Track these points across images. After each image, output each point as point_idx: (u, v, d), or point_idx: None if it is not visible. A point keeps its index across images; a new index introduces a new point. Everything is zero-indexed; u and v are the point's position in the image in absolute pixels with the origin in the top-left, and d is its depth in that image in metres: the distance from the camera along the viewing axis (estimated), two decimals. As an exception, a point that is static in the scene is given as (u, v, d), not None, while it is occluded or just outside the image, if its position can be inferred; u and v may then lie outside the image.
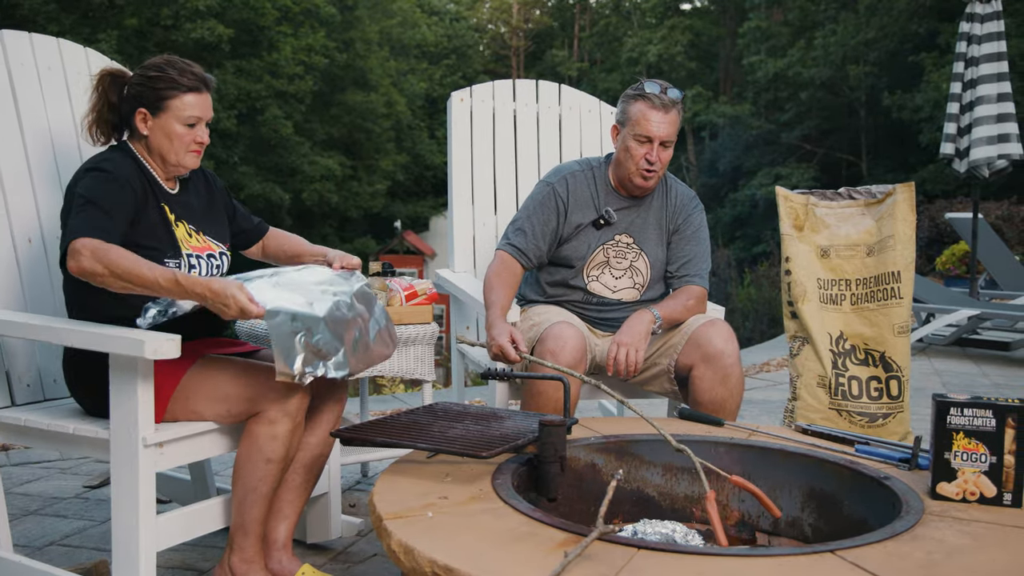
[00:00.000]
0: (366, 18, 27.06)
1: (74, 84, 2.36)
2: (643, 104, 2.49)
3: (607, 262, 2.62)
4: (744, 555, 1.38)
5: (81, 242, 1.80)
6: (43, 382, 2.17)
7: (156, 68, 2.01)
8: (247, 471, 1.92)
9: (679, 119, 2.54)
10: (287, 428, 1.91)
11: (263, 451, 1.90)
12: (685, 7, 34.25)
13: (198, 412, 1.93)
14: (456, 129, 3.12)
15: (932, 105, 18.80)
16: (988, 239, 7.67)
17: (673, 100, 2.50)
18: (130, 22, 20.19)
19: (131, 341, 1.72)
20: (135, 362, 1.75)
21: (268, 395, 1.89)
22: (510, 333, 2.29)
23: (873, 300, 2.74)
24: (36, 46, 2.30)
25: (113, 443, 1.80)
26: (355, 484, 3.13)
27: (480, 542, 1.40)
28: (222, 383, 1.92)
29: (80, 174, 1.97)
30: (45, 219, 2.22)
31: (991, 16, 6.30)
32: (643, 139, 2.49)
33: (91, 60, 2.43)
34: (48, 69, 2.31)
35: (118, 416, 1.79)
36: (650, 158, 2.49)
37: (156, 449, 1.81)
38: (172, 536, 1.88)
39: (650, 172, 2.52)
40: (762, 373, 5.82)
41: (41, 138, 2.26)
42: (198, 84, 2.03)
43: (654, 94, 2.49)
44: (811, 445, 2.01)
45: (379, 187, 27.17)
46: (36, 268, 2.20)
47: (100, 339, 1.78)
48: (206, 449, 1.96)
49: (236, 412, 1.92)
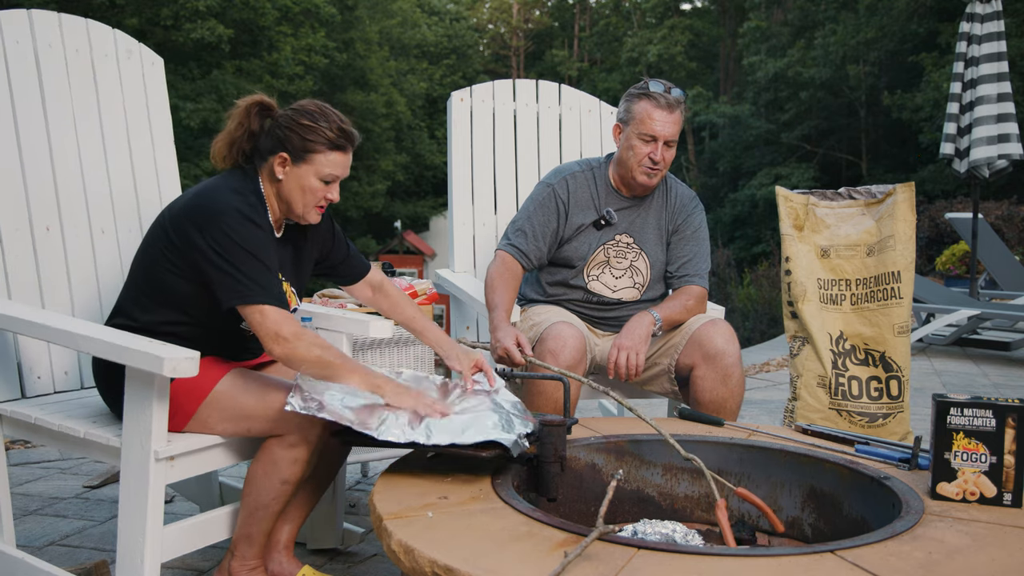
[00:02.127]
0: (366, 18, 27.06)
1: (100, 66, 2.32)
2: (647, 103, 2.50)
3: (607, 262, 2.62)
4: (744, 555, 1.38)
5: (281, 323, 1.79)
6: (54, 375, 2.14)
7: (309, 116, 1.93)
8: (262, 488, 1.89)
9: (682, 119, 2.54)
10: (307, 452, 1.89)
11: (282, 473, 1.88)
12: (685, 7, 34.27)
13: (218, 428, 1.89)
14: (456, 129, 3.12)
15: (932, 105, 18.79)
16: (988, 239, 7.67)
17: (677, 100, 2.51)
18: (130, 22, 20.16)
19: (150, 357, 1.67)
20: (152, 377, 1.71)
21: (292, 419, 1.85)
22: (515, 336, 2.29)
23: (873, 300, 2.74)
24: (64, 27, 2.26)
25: (124, 453, 1.77)
26: (355, 484, 3.13)
27: (480, 542, 1.40)
28: (246, 403, 1.88)
29: (213, 204, 1.85)
30: (64, 206, 2.19)
31: (991, 16, 6.30)
32: (648, 138, 2.50)
33: (119, 41, 2.40)
34: (76, 51, 2.27)
35: (131, 427, 1.76)
36: (654, 157, 2.50)
37: (167, 462, 1.79)
38: (178, 547, 1.85)
39: (654, 169, 2.52)
40: (762, 373, 5.82)
41: (64, 119, 2.21)
42: (345, 143, 1.96)
43: (659, 93, 2.49)
44: (811, 445, 2.01)
45: (379, 187, 27.16)
46: (53, 258, 2.16)
47: (118, 351, 1.73)
48: (216, 461, 1.93)
49: (256, 431, 1.89)
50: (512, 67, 39.48)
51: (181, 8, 20.33)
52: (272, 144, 1.95)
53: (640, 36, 31.48)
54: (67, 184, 2.21)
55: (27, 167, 2.12)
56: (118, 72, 2.38)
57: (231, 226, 1.82)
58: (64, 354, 2.16)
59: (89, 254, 2.24)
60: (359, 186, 26.40)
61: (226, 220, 1.83)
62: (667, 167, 2.56)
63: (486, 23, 42.64)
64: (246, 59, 22.35)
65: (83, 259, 2.23)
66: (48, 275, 2.14)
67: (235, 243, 1.82)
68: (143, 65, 2.45)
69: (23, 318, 1.89)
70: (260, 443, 1.93)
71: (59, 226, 2.18)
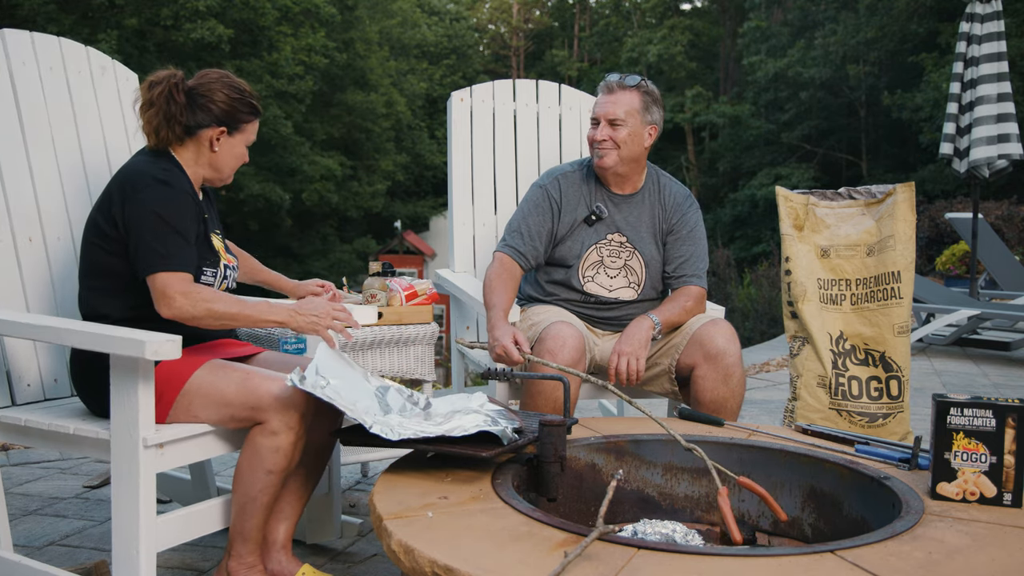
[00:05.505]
0: (366, 18, 27.05)
1: (75, 82, 2.35)
2: (598, 92, 2.65)
3: (601, 261, 2.63)
4: (744, 555, 1.38)
5: (168, 284, 1.89)
6: (44, 382, 2.16)
7: (236, 90, 2.09)
8: (248, 480, 1.91)
9: (636, 100, 2.58)
10: (290, 440, 1.90)
11: (265, 463, 1.89)
12: (685, 7, 34.27)
13: (201, 416, 1.92)
14: (456, 129, 3.12)
15: (932, 105, 18.79)
16: (988, 239, 7.66)
17: (620, 83, 2.59)
18: (130, 22, 20.17)
19: (132, 342, 1.72)
20: (136, 363, 1.74)
21: (272, 405, 1.88)
22: (513, 334, 2.29)
23: (873, 300, 2.74)
24: (37, 45, 2.29)
25: (113, 444, 1.80)
26: (355, 484, 3.13)
27: (480, 542, 1.40)
28: (226, 389, 1.91)
29: (138, 180, 1.96)
30: (45, 217, 2.21)
31: (991, 16, 6.30)
32: (594, 121, 2.61)
33: (92, 59, 2.43)
34: (50, 69, 2.31)
35: (118, 417, 1.79)
36: (597, 136, 2.58)
37: (156, 450, 1.81)
38: (172, 537, 1.88)
39: (602, 148, 2.58)
40: (762, 373, 5.82)
41: (41, 134, 2.25)
42: (260, 108, 2.16)
43: (604, 83, 2.63)
44: (811, 445, 2.01)
45: (379, 187, 27.16)
46: (37, 267, 2.19)
47: (101, 340, 1.78)
48: (207, 450, 1.96)
49: (239, 418, 1.92)
50: (512, 67, 39.47)
51: (181, 8, 20.32)
52: (206, 118, 2.06)
53: (640, 36, 31.46)
54: (48, 197, 2.24)
55: (7, 181, 2.15)
56: (93, 88, 2.42)
57: (148, 194, 1.93)
58: (52, 362, 2.18)
59: (72, 263, 2.27)
60: (359, 186, 26.40)
61: (142, 188, 1.94)
62: (620, 148, 2.57)
63: (486, 23, 42.64)
64: (246, 59, 22.34)
65: (66, 267, 2.25)
66: (32, 284, 2.17)
67: (150, 210, 1.92)
68: (117, 81, 2.49)
69: (8, 319, 1.94)
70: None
71: (41, 237, 2.21)
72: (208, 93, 2.06)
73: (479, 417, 1.82)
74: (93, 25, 19.84)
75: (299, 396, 1.89)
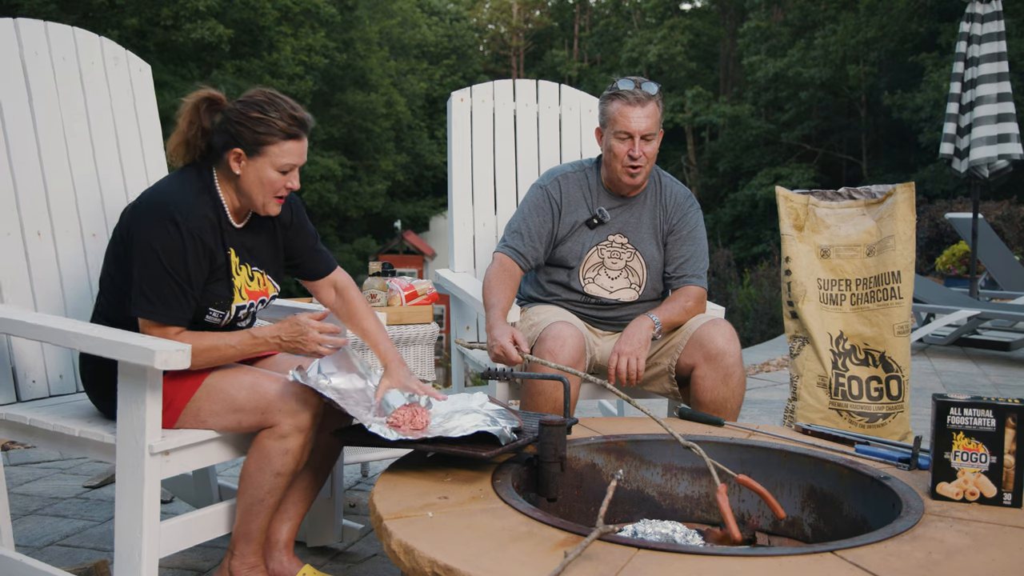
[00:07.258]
0: (366, 18, 27.05)
1: (87, 72, 2.33)
2: (619, 102, 2.52)
3: (602, 263, 2.63)
4: (744, 555, 1.38)
5: (147, 330, 1.85)
6: (49, 378, 2.15)
7: (259, 108, 1.90)
8: (255, 482, 1.89)
9: (659, 111, 2.55)
10: (299, 443, 1.89)
11: (273, 465, 1.88)
12: (685, 7, 34.24)
13: (209, 422, 1.90)
14: (456, 129, 3.12)
15: (932, 105, 18.80)
16: (988, 239, 7.66)
17: (648, 93, 2.52)
18: (130, 22, 20.17)
19: (141, 350, 1.69)
20: (144, 371, 1.72)
21: (281, 408, 1.87)
22: (511, 334, 2.29)
23: (873, 300, 2.74)
24: (51, 35, 2.27)
25: (119, 449, 1.78)
26: (355, 484, 3.13)
27: (480, 542, 1.40)
28: (236, 395, 1.89)
29: (153, 210, 1.87)
30: (55, 209, 2.20)
31: (991, 16, 6.30)
32: (623, 136, 2.51)
33: (105, 49, 2.41)
34: (63, 59, 2.28)
35: (125, 423, 1.77)
36: (632, 153, 2.51)
37: (162, 457, 1.79)
38: (175, 543, 1.86)
39: (635, 168, 2.53)
40: (762, 373, 5.82)
41: (52, 124, 2.22)
42: (298, 130, 1.94)
43: (628, 91, 2.52)
44: (811, 445, 2.01)
45: (379, 187, 27.16)
46: (45, 262, 2.17)
47: (110, 346, 1.75)
48: (211, 456, 1.94)
49: (248, 424, 1.90)
50: (512, 67, 39.47)
51: (181, 8, 20.32)
52: (225, 140, 1.92)
53: (640, 36, 31.46)
54: (57, 190, 2.22)
55: (17, 173, 2.13)
56: (106, 79, 2.39)
57: (155, 230, 1.84)
58: (58, 358, 2.17)
59: (81, 258, 2.25)
60: (359, 186, 26.40)
61: (152, 222, 1.85)
62: (650, 162, 2.56)
63: (486, 23, 42.64)
64: (246, 59, 22.35)
65: (75, 263, 2.23)
66: (40, 279, 2.15)
67: (151, 248, 1.84)
68: (131, 72, 2.47)
69: (17, 319, 1.91)
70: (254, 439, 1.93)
71: (50, 231, 2.19)
72: (230, 111, 1.94)
73: (478, 417, 1.82)
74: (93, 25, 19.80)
75: (310, 399, 1.88)
